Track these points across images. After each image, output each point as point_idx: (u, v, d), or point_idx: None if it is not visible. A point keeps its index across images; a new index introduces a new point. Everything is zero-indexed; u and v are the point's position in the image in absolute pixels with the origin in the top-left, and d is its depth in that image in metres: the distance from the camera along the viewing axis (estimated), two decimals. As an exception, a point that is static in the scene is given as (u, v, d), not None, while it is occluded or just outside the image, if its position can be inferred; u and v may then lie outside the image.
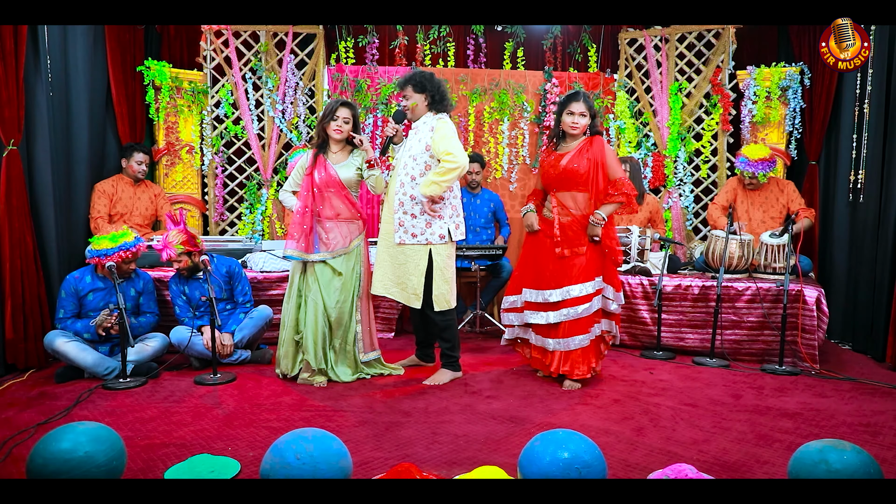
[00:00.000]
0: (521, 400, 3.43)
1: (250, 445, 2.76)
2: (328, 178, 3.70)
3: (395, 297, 3.69)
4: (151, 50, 5.46)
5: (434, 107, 3.67)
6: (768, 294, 4.18)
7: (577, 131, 3.61)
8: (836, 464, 1.94)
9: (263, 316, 4.15)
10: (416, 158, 3.62)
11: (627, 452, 2.71)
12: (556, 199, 3.67)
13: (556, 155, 3.67)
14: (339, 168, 3.73)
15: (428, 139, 3.59)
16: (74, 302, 3.81)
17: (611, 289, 3.68)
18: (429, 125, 3.63)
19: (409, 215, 3.61)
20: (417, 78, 3.65)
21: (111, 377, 3.68)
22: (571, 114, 3.60)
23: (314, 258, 3.70)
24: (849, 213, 4.80)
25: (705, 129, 5.67)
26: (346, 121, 3.71)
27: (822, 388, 3.66)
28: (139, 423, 3.02)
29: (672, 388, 3.65)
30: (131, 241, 3.81)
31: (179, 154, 5.50)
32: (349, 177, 3.73)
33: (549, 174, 3.67)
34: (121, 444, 2.21)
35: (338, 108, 3.70)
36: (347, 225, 3.75)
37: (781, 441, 2.85)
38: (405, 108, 3.70)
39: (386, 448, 2.75)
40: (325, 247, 3.70)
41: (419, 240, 3.61)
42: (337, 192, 3.71)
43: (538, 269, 3.70)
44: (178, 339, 3.94)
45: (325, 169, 3.71)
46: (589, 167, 3.57)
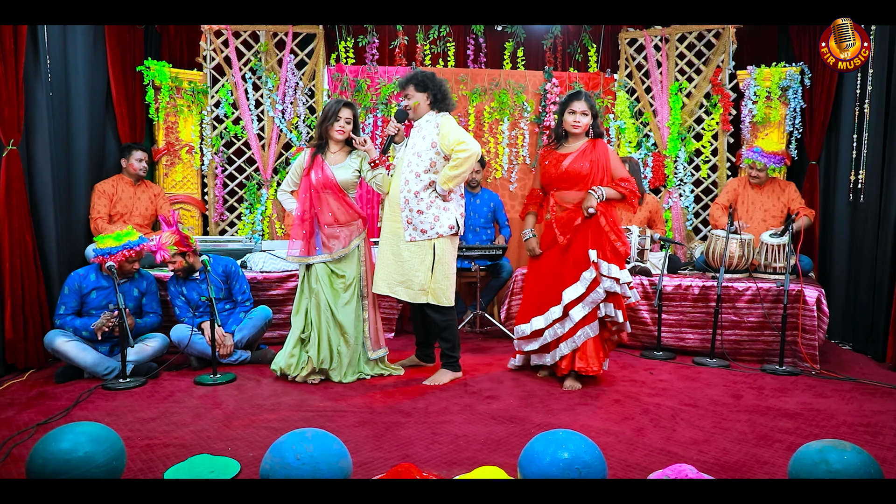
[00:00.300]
0: (521, 400, 3.44)
1: (250, 446, 2.76)
2: (325, 180, 3.71)
3: (400, 297, 3.69)
4: (151, 50, 5.46)
5: (436, 106, 3.68)
6: (768, 294, 4.18)
7: (580, 130, 3.61)
8: (837, 464, 1.95)
9: (263, 316, 4.15)
10: (420, 155, 3.62)
11: (627, 453, 2.72)
12: (554, 199, 3.68)
13: (558, 154, 3.68)
14: (337, 169, 3.74)
15: (434, 136, 3.60)
16: (76, 299, 3.81)
17: (604, 264, 3.54)
18: (433, 123, 3.64)
19: (416, 212, 3.61)
20: (419, 77, 3.67)
21: (111, 377, 3.68)
22: (573, 112, 3.60)
23: (315, 260, 3.71)
24: (849, 213, 4.81)
25: (705, 129, 5.68)
26: (348, 121, 3.73)
27: (822, 389, 3.66)
28: (139, 423, 3.03)
29: (672, 389, 3.66)
30: (135, 240, 3.81)
31: (179, 154, 5.51)
32: (346, 178, 3.74)
33: (551, 173, 3.67)
34: (120, 445, 2.21)
35: (340, 109, 3.71)
36: (347, 227, 3.76)
37: (782, 441, 2.86)
38: (406, 107, 3.72)
39: (386, 448, 2.75)
40: (326, 249, 3.72)
41: (430, 235, 3.63)
42: (334, 194, 3.72)
43: (546, 291, 3.68)
44: (178, 338, 3.95)
45: (322, 170, 3.72)
46: (591, 169, 3.59)
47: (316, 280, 3.71)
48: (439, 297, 3.66)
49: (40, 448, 2.06)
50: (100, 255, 3.75)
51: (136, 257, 3.86)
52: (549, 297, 3.67)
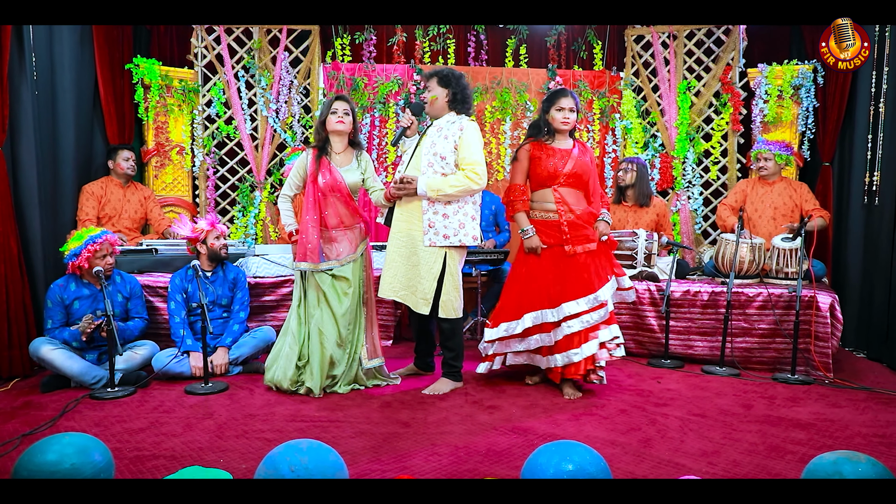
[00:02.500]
0: (524, 410, 3.44)
1: (243, 457, 2.76)
2: (333, 182, 3.69)
3: (403, 301, 3.70)
4: (140, 47, 5.48)
5: (454, 106, 3.69)
6: (780, 300, 4.19)
7: (568, 127, 3.69)
8: (851, 476, 1.95)
9: (266, 339, 4.17)
10: (445, 158, 3.59)
11: (634, 464, 2.72)
12: (558, 194, 3.68)
13: (558, 151, 3.70)
14: (346, 172, 3.75)
15: (456, 138, 3.60)
16: (61, 311, 3.81)
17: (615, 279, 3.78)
18: (457, 125, 3.63)
19: (441, 215, 3.59)
20: (445, 73, 3.70)
21: (99, 386, 3.68)
22: (562, 109, 3.65)
23: (322, 268, 3.69)
24: (863, 215, 4.82)
25: (715, 128, 5.69)
26: (346, 112, 3.72)
27: (835, 398, 3.66)
28: (128, 434, 3.03)
29: (680, 398, 3.66)
30: (97, 233, 3.80)
31: (169, 155, 5.52)
32: (355, 181, 3.77)
33: (549, 170, 3.67)
34: (109, 456, 2.21)
35: (334, 102, 3.73)
36: (352, 231, 3.78)
37: (794, 453, 2.86)
38: (424, 99, 3.73)
39: (384, 460, 2.75)
40: (335, 255, 3.72)
41: (452, 241, 3.60)
42: (342, 198, 3.72)
43: (543, 287, 3.69)
44: (159, 367, 3.84)
45: (329, 172, 3.70)
46: (589, 171, 3.74)
47: (317, 294, 3.71)
48: (448, 311, 3.66)
49: (25, 460, 2.07)
50: (70, 261, 3.76)
51: (105, 251, 3.82)
52: (544, 297, 3.67)
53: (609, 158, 5.91)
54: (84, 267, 3.77)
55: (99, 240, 3.78)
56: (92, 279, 3.85)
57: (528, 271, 3.77)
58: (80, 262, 3.74)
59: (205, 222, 4.10)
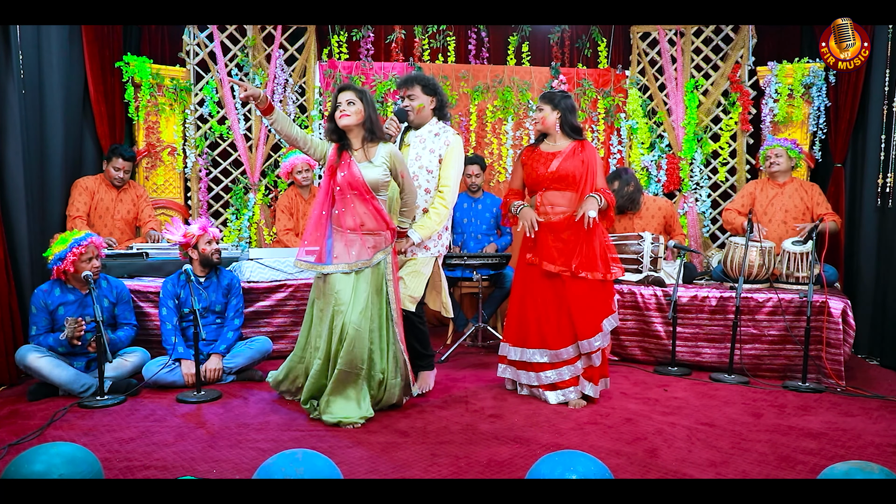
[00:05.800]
0: (526, 419, 3.45)
1: (236, 467, 2.77)
2: (351, 179, 3.39)
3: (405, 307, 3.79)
4: (131, 44, 5.48)
5: (437, 113, 3.82)
6: (791, 306, 4.20)
7: (539, 128, 3.76)
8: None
9: (263, 349, 4.19)
10: (431, 171, 3.76)
11: (640, 475, 2.73)
12: (541, 198, 3.72)
13: (544, 154, 3.73)
14: (364, 168, 3.43)
15: (442, 153, 3.74)
16: (46, 317, 3.82)
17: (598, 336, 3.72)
18: (442, 138, 3.76)
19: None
20: (428, 80, 3.80)
21: (87, 394, 3.69)
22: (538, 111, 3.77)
23: (328, 269, 3.44)
24: (877, 218, 4.82)
25: (723, 128, 5.71)
26: (350, 102, 3.39)
27: (848, 407, 3.67)
28: (117, 443, 3.04)
29: (687, 407, 3.67)
30: (81, 236, 3.80)
31: (161, 156, 5.53)
32: (375, 178, 3.42)
33: (538, 173, 3.70)
34: (98, 467, 2.22)
35: (337, 96, 3.46)
36: (373, 237, 3.46)
37: (805, 463, 2.87)
38: (407, 107, 3.76)
39: (382, 471, 2.76)
40: (344, 258, 3.43)
41: (432, 252, 3.81)
42: (361, 196, 3.41)
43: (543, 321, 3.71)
44: (149, 377, 3.84)
45: (348, 167, 3.41)
46: (584, 170, 3.66)
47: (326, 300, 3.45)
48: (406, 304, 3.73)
49: (12, 470, 2.08)
50: (55, 266, 3.76)
51: (91, 254, 3.81)
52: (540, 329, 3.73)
53: (614, 160, 5.92)
54: (69, 271, 3.78)
55: (84, 242, 3.79)
56: (77, 284, 3.86)
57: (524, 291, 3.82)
58: (66, 266, 3.74)
59: (196, 226, 4.09)
